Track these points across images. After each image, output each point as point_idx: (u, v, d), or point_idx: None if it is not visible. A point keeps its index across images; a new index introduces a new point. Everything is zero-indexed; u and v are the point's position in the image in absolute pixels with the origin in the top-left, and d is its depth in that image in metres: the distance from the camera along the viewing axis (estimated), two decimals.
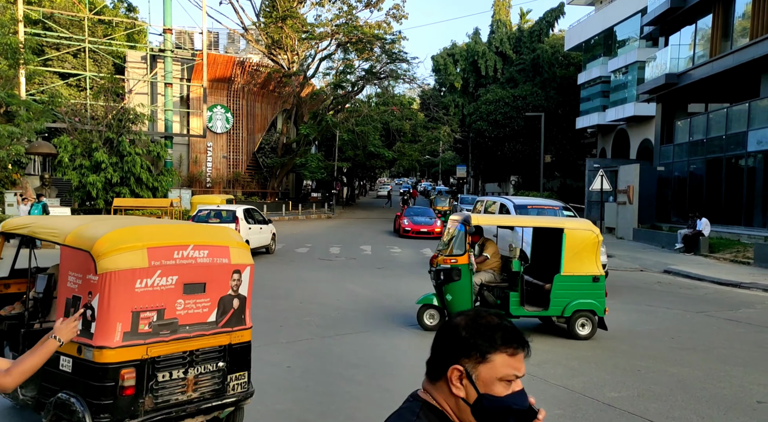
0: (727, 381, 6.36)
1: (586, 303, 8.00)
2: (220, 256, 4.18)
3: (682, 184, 24.25)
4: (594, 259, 8.09)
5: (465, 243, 8.00)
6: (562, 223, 8.44)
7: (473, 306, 7.89)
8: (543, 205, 13.69)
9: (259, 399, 5.48)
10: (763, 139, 18.78)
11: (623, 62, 32.84)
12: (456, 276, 7.89)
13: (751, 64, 19.04)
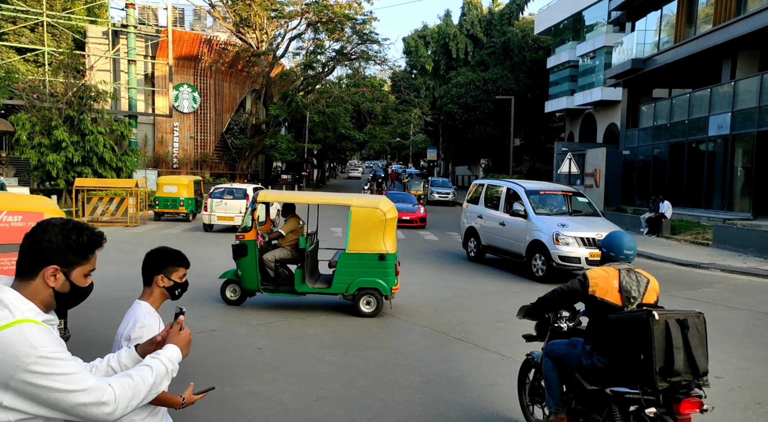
0: None
1: (370, 281, 7.96)
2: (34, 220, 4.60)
3: (646, 167, 24.83)
4: (381, 237, 7.95)
5: (252, 220, 8.15)
6: (349, 201, 8.28)
7: (258, 280, 8.20)
8: (556, 191, 12.53)
9: (229, 381, 5.44)
10: (723, 123, 19.33)
11: (591, 47, 33.22)
12: (243, 252, 8.16)
13: (713, 50, 19.50)
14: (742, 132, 18.48)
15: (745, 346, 7.16)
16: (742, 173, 19.05)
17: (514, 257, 12.05)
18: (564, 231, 10.94)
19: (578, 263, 10.68)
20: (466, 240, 13.94)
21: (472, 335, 7.33)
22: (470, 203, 14.16)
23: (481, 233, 13.28)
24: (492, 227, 12.89)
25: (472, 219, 13.73)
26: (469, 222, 13.85)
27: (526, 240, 11.51)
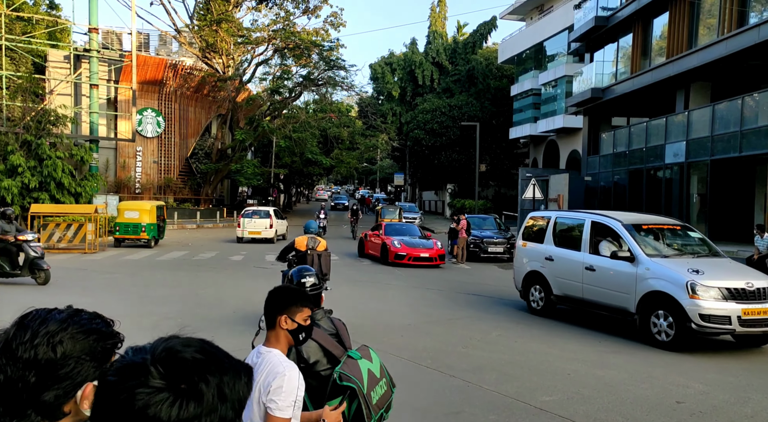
0: (649, 383, 6.66)
1: None
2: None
3: (607, 193, 25.47)
4: None
5: None
6: None
7: None
8: (662, 224, 10.02)
9: None
10: (679, 151, 20.03)
11: (553, 76, 34.24)
12: None
13: (667, 82, 20.31)
14: (697, 160, 19.17)
15: (705, 371, 7.29)
16: (698, 200, 19.71)
17: (614, 313, 9.24)
18: (701, 279, 8.08)
19: (728, 324, 7.88)
20: (526, 288, 10.97)
21: (438, 361, 7.27)
22: (529, 241, 11.22)
23: (553, 280, 10.33)
24: (571, 272, 9.91)
25: (536, 261, 10.78)
26: (532, 266, 10.87)
27: (637, 291, 8.75)
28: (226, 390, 0.84)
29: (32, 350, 1.02)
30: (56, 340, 1.04)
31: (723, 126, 17.97)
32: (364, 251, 19.82)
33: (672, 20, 20.51)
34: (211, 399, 0.82)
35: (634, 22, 23.01)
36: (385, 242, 17.91)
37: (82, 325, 1.08)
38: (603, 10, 25.01)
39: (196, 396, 0.81)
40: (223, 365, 0.88)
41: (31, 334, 1.04)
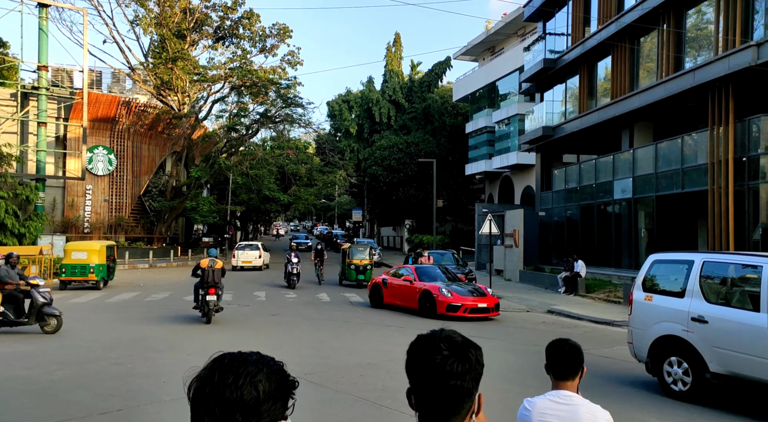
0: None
1: None
2: None
3: (561, 228, 26.11)
4: None
5: None
6: None
7: None
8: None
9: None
10: (626, 188, 20.82)
11: (506, 114, 35.35)
12: None
13: (613, 121, 21.24)
14: (643, 196, 19.95)
15: (659, 404, 7.38)
16: (646, 234, 20.43)
17: None
18: None
19: None
20: (658, 360, 7.85)
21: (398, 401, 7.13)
22: (656, 293, 8.21)
23: (709, 351, 7.29)
24: (746, 342, 6.93)
25: (673, 322, 7.72)
26: (665, 329, 7.80)
27: None
28: (480, 359, 1.39)
29: (237, 390, 1.13)
30: (257, 380, 1.15)
31: (666, 164, 18.82)
32: (382, 300, 15.95)
33: (615, 64, 21.60)
34: (474, 361, 1.37)
35: (580, 65, 24.12)
36: (428, 290, 14.38)
37: (271, 366, 1.21)
38: (551, 52, 26.16)
39: (468, 360, 1.36)
40: (473, 343, 1.42)
41: (234, 376, 1.15)
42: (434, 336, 1.39)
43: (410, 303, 14.99)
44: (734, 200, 15.54)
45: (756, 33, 15.54)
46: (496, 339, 11.84)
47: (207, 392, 1.14)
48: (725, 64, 15.44)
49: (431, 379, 1.33)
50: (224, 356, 1.22)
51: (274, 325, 13.24)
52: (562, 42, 25.91)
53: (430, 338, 1.39)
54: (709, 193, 16.29)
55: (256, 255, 29.97)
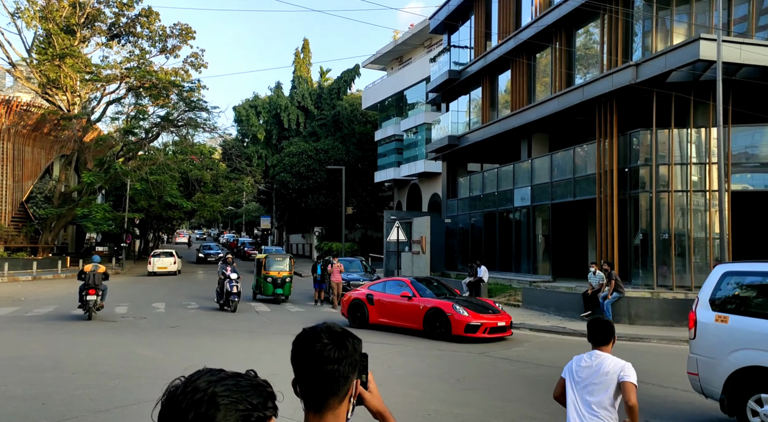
0: (503, 418, 6.90)
1: None
2: None
3: (466, 234, 26.99)
4: None
5: None
6: None
7: None
8: None
9: None
10: (525, 196, 21.91)
11: (413, 123, 36.11)
12: None
13: (513, 132, 22.30)
14: (540, 203, 21.08)
15: (550, 402, 7.72)
16: (543, 240, 21.58)
17: None
18: None
19: None
20: (737, 397, 6.28)
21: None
22: (733, 313, 6.55)
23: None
24: None
25: (758, 350, 6.17)
26: (748, 358, 6.24)
27: None
28: (358, 348, 1.52)
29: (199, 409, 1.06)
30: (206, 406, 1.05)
31: (560, 173, 20.02)
32: (366, 320, 13.73)
33: (514, 77, 22.74)
34: (351, 349, 1.49)
35: (482, 77, 25.15)
36: (438, 308, 12.47)
37: (227, 387, 1.09)
38: (455, 64, 27.08)
39: (345, 347, 1.48)
40: (350, 334, 1.54)
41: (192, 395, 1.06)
42: (316, 328, 1.53)
43: (410, 323, 12.90)
44: (618, 207, 16.79)
45: (635, 54, 16.96)
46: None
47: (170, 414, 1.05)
48: (609, 81, 16.70)
49: (310, 365, 1.46)
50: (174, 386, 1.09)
51: None
52: (466, 54, 26.92)
53: (313, 329, 1.53)
54: (597, 201, 17.49)
55: (171, 262, 32.39)
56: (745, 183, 16.01)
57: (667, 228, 15.96)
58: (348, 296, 14.60)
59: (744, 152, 16.03)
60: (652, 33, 16.70)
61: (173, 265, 32.33)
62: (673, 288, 15.63)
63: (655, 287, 15.74)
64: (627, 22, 17.15)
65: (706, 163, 15.66)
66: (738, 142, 15.94)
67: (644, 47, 16.87)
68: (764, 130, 15.79)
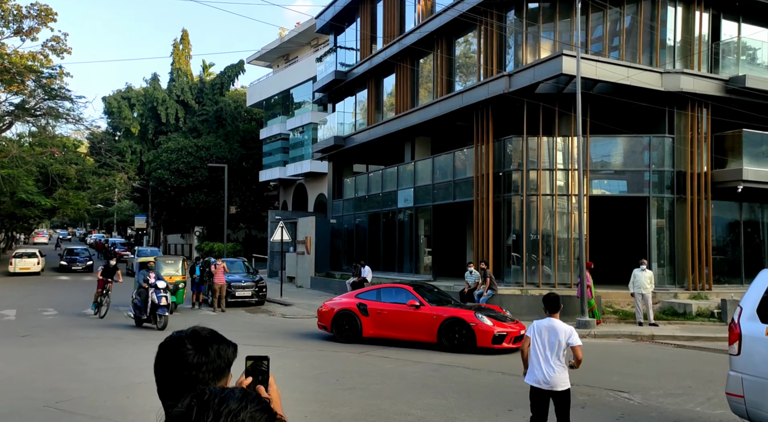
0: (377, 416, 6.98)
1: None
2: None
3: (351, 235, 27.15)
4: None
5: None
6: None
7: None
8: None
9: None
10: (409, 197, 22.47)
11: (300, 122, 35.71)
12: None
13: (397, 134, 22.78)
14: (423, 205, 21.73)
15: (423, 397, 7.94)
16: (425, 241, 22.27)
17: None
18: None
19: None
20: None
21: None
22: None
23: None
24: None
25: None
26: None
27: None
28: (222, 353, 1.46)
29: None
30: (239, 419, 1.07)
31: (442, 176, 20.78)
32: (359, 333, 12.20)
33: (398, 81, 23.25)
34: (214, 355, 1.44)
35: (368, 80, 25.45)
36: (458, 317, 11.25)
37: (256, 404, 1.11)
38: (342, 65, 27.15)
39: (207, 353, 1.44)
40: (219, 339, 1.48)
41: (214, 415, 1.06)
42: (182, 333, 1.48)
43: (420, 335, 11.56)
44: (493, 210, 17.76)
45: (509, 66, 18.05)
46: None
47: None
48: (485, 89, 17.62)
49: (169, 370, 1.42)
50: (204, 392, 1.12)
51: None
52: (352, 56, 27.08)
53: (179, 334, 1.48)
54: (475, 203, 18.37)
55: (34, 262, 31.87)
56: (602, 188, 17.62)
57: (536, 229, 17.15)
58: (328, 307, 12.78)
59: (601, 160, 17.64)
60: (523, 46, 17.87)
61: (37, 266, 31.85)
62: (539, 285, 16.82)
63: (525, 284, 16.84)
64: (501, 35, 18.20)
65: (569, 169, 17.04)
66: (596, 151, 17.52)
67: (516, 59, 18.00)
68: (616, 141, 17.50)
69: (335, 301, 13.05)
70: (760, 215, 18.23)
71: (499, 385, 8.62)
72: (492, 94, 17.27)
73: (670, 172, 16.83)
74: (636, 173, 17.08)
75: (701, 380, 8.96)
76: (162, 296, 13.62)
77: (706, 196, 16.68)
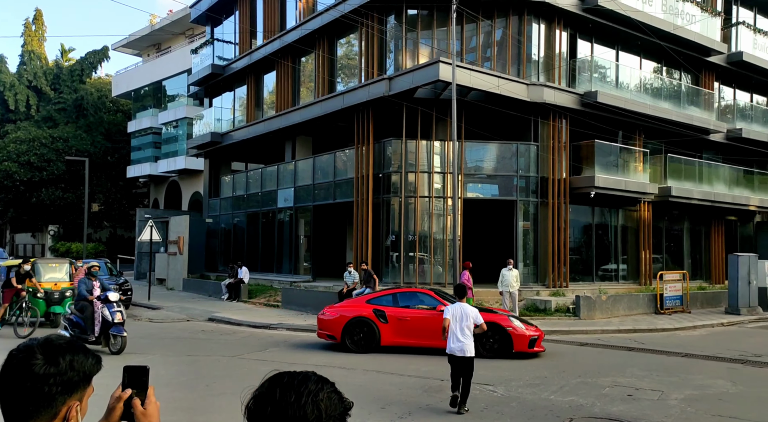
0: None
1: None
2: None
3: (228, 235, 26.14)
4: None
5: None
6: None
7: None
8: None
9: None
10: (289, 197, 22.10)
11: (173, 116, 33.75)
12: None
13: (278, 133, 22.31)
14: (303, 205, 21.47)
15: None
16: (305, 241, 22.02)
17: None
18: None
19: None
20: None
21: None
22: None
23: None
24: None
25: None
26: None
27: None
28: (76, 365, 1.34)
29: (300, 409, 1.19)
30: (318, 399, 1.21)
31: (323, 176, 20.67)
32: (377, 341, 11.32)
33: (279, 78, 22.78)
34: (65, 367, 1.32)
35: (247, 75, 24.66)
36: (495, 322, 10.65)
37: (332, 386, 1.27)
38: (219, 59, 26.07)
39: (56, 364, 1.32)
40: (76, 349, 1.37)
41: (296, 395, 1.20)
42: (35, 340, 1.38)
43: None
44: (373, 210, 17.99)
45: (390, 70, 18.40)
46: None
47: (269, 411, 1.20)
48: (366, 91, 17.81)
49: (10, 381, 1.30)
50: (283, 374, 1.26)
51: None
52: (231, 50, 26.09)
53: (32, 341, 1.38)
54: (355, 204, 18.48)
55: None
56: (477, 191, 18.55)
57: (414, 230, 17.63)
58: (335, 314, 11.73)
59: (475, 165, 18.57)
60: (403, 51, 18.31)
61: None
62: (416, 284, 17.30)
63: (402, 284, 17.23)
64: (382, 38, 18.51)
65: (446, 172, 17.72)
66: (471, 156, 18.41)
67: (397, 63, 18.40)
68: (488, 147, 18.52)
69: (340, 308, 12.03)
70: (609, 219, 20.26)
71: (374, 384, 8.70)
72: (373, 97, 17.48)
73: (535, 177, 18.14)
74: (506, 178, 18.19)
75: (555, 370, 9.70)
76: (116, 311, 10.98)
77: (565, 201, 18.19)
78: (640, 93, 20.09)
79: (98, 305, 10.92)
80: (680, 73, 22.34)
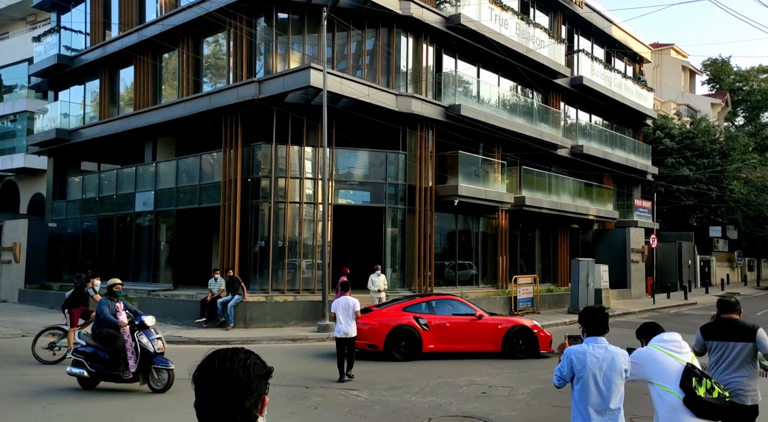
0: None
1: None
2: None
3: (76, 241, 23.79)
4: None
5: None
6: None
7: None
8: None
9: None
10: (148, 200, 20.63)
11: (11, 109, 30.17)
12: None
13: (136, 132, 20.75)
14: (165, 209, 20.13)
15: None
16: (166, 247, 20.65)
17: None
18: None
19: None
20: None
21: None
22: None
23: None
24: None
25: None
26: None
27: None
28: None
29: (235, 372, 1.59)
30: (248, 364, 1.62)
31: (187, 179, 19.56)
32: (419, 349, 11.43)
33: (137, 74, 21.23)
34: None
35: (101, 69, 22.71)
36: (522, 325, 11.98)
37: (257, 356, 1.68)
38: (67, 49, 23.78)
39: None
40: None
41: (230, 362, 1.61)
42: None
43: (484, 345, 11.74)
44: (241, 216, 17.37)
45: (260, 73, 17.95)
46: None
47: (210, 377, 1.58)
48: (235, 93, 17.19)
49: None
50: (219, 351, 1.64)
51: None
52: (81, 40, 23.86)
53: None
54: (222, 209, 17.73)
55: None
56: (348, 198, 18.65)
57: (284, 236, 17.30)
58: (375, 322, 11.55)
59: (347, 171, 18.69)
60: (273, 55, 17.96)
61: None
62: (284, 291, 16.99)
63: (270, 291, 16.83)
64: (252, 40, 18.00)
65: (316, 178, 17.63)
66: (342, 163, 18.51)
67: (267, 67, 17.99)
68: (359, 154, 18.76)
69: (377, 317, 11.83)
70: (471, 226, 21.48)
71: None
72: (241, 99, 16.92)
73: (403, 185, 18.70)
74: (377, 185, 18.53)
75: (418, 372, 10.04)
76: (157, 339, 8.84)
77: (431, 208, 18.96)
78: (499, 108, 21.60)
79: (134, 333, 8.70)
80: (532, 92, 24.38)
